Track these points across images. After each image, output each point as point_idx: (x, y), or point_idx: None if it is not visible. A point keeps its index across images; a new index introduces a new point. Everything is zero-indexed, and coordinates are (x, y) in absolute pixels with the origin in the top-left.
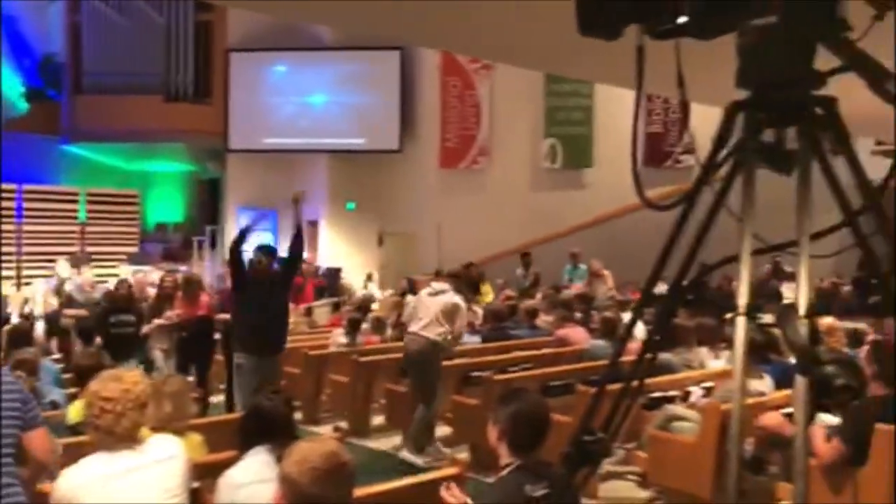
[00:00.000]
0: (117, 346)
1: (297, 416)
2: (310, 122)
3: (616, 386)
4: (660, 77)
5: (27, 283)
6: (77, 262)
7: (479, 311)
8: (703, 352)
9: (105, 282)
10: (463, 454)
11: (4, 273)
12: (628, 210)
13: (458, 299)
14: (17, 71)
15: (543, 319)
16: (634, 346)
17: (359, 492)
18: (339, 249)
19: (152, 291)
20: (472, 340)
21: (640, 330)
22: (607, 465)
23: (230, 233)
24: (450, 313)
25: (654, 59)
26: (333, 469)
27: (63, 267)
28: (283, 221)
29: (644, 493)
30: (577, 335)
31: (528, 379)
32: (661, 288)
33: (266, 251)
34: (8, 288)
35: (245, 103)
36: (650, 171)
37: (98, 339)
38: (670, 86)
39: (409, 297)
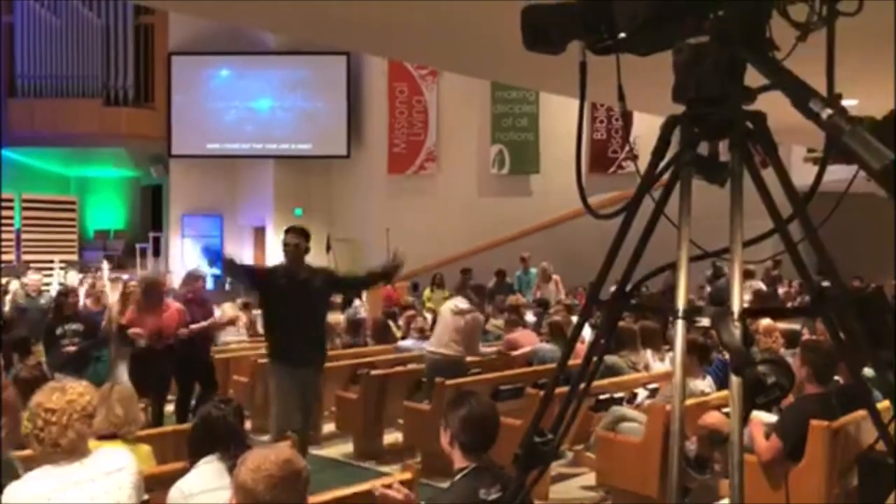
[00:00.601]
0: (66, 360)
1: (247, 425)
2: (255, 127)
3: (564, 389)
4: (603, 87)
5: None
6: (13, 271)
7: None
8: (648, 354)
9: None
10: (414, 460)
11: None
12: (575, 215)
13: (481, 318)
14: None
15: (493, 324)
16: (581, 348)
17: (311, 500)
18: None
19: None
20: (421, 346)
21: (587, 333)
22: (557, 467)
23: (174, 239)
24: (472, 332)
25: (597, 70)
26: (289, 476)
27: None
28: (228, 226)
29: (593, 494)
30: (526, 339)
31: (479, 383)
32: (606, 292)
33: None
34: None
35: (188, 108)
36: (595, 177)
37: (37, 352)
38: (613, 95)
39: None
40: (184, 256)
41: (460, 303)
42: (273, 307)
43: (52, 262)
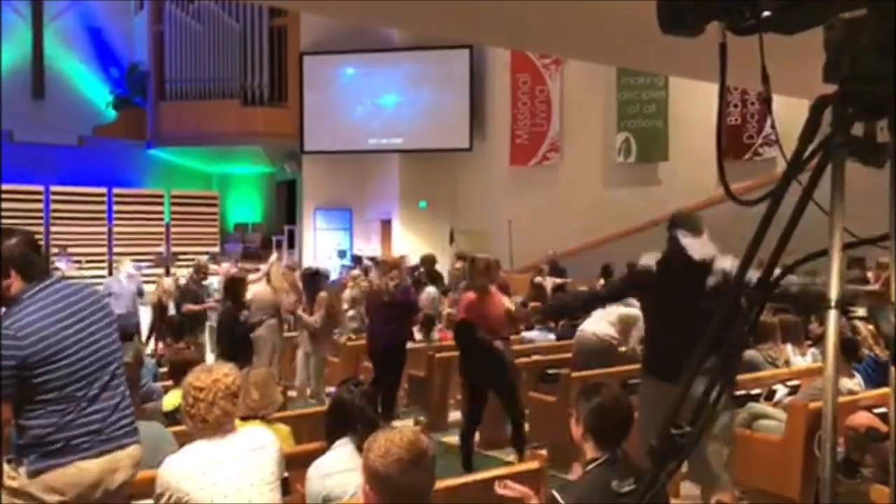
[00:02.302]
0: (241, 346)
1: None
2: (381, 122)
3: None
4: (739, 69)
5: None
6: (163, 262)
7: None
8: (789, 349)
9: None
10: (541, 451)
11: (96, 273)
12: (707, 204)
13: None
14: (105, 80)
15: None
16: None
17: (437, 485)
18: (411, 248)
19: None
20: (547, 338)
21: None
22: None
23: (307, 232)
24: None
25: (732, 51)
26: (417, 457)
27: (128, 265)
28: (357, 219)
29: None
30: None
31: (607, 376)
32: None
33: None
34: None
35: (319, 105)
36: (729, 165)
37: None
38: (749, 77)
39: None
40: (316, 248)
41: None
42: None
43: (196, 253)
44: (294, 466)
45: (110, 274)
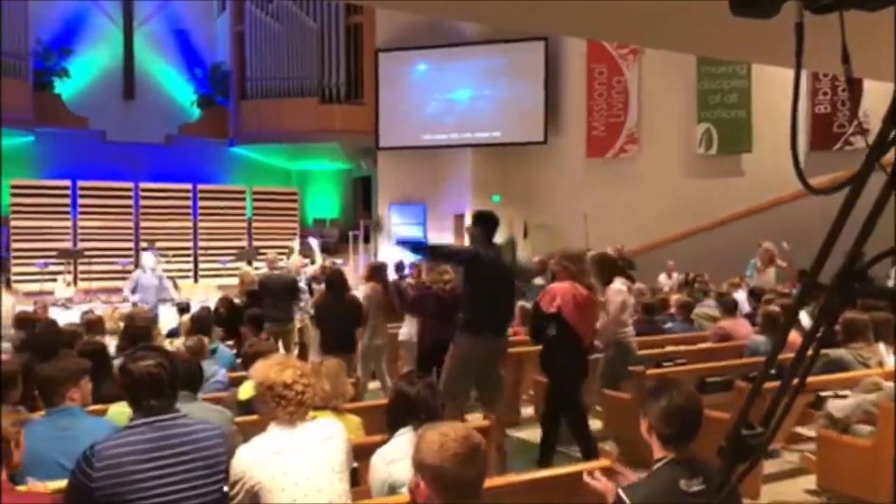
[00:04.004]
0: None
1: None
2: (455, 117)
3: (776, 384)
4: (826, 53)
5: (204, 276)
6: (246, 255)
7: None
8: (881, 348)
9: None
10: (613, 448)
11: (182, 266)
12: (795, 197)
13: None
14: (189, 80)
15: (700, 312)
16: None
17: (508, 479)
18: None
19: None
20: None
21: (807, 324)
22: (771, 466)
23: (382, 227)
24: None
25: (818, 34)
26: (471, 451)
27: (148, 258)
28: (432, 214)
29: (814, 498)
30: (740, 329)
31: (683, 374)
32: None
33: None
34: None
35: (394, 102)
36: (818, 155)
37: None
38: (838, 62)
39: None
40: (391, 242)
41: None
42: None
43: (277, 248)
44: (364, 457)
45: (196, 267)
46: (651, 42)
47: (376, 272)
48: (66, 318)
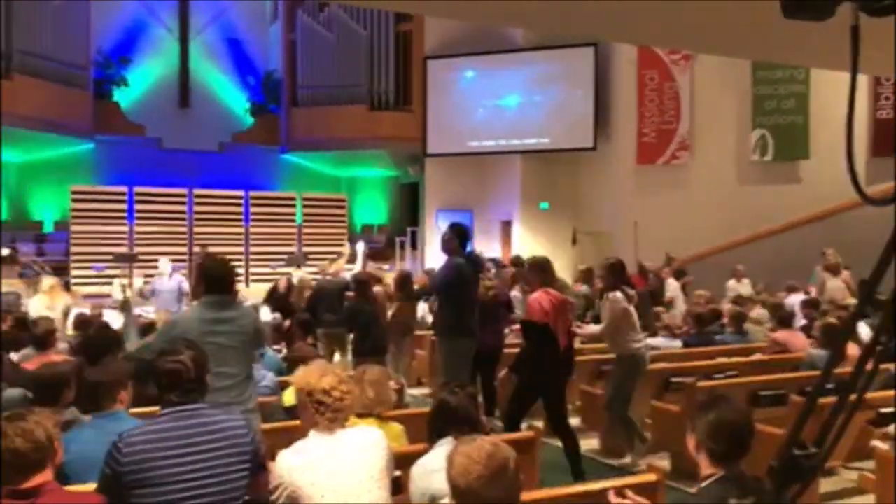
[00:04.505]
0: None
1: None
2: (504, 123)
3: (832, 399)
4: (885, 57)
5: (255, 280)
6: (295, 260)
7: None
8: None
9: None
10: (663, 462)
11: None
12: (856, 204)
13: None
14: (242, 89)
15: (757, 325)
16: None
17: (553, 492)
18: (532, 250)
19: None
20: (671, 345)
21: (867, 337)
22: (827, 485)
23: (429, 234)
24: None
25: (877, 37)
26: (497, 470)
27: (164, 264)
28: (479, 220)
29: None
30: (796, 341)
31: (736, 387)
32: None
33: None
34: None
35: (442, 109)
36: (881, 162)
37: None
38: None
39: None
40: (437, 249)
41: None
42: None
43: (326, 254)
44: (406, 465)
45: (247, 272)
46: (703, 48)
47: (403, 285)
48: (121, 320)
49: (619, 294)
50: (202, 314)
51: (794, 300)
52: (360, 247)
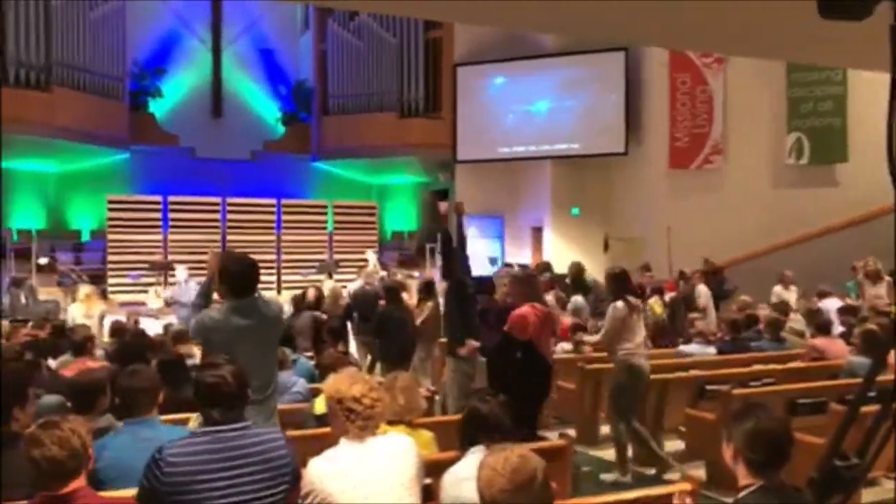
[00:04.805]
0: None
1: (571, 432)
2: (534, 129)
3: (874, 408)
4: None
5: (286, 288)
6: (326, 268)
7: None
8: None
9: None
10: (699, 471)
11: (266, 278)
12: (893, 209)
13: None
14: (274, 98)
15: (791, 328)
16: None
17: (586, 501)
18: (563, 256)
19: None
20: (706, 352)
21: None
22: (869, 496)
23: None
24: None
25: None
26: (521, 483)
27: (181, 271)
28: (509, 227)
29: None
30: (834, 348)
31: (773, 394)
32: None
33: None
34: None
35: (472, 115)
36: None
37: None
38: None
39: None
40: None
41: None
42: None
43: (356, 261)
44: (436, 473)
45: (279, 280)
46: (738, 50)
47: (427, 291)
48: (156, 328)
49: (620, 303)
50: (229, 325)
51: (830, 305)
52: (371, 256)
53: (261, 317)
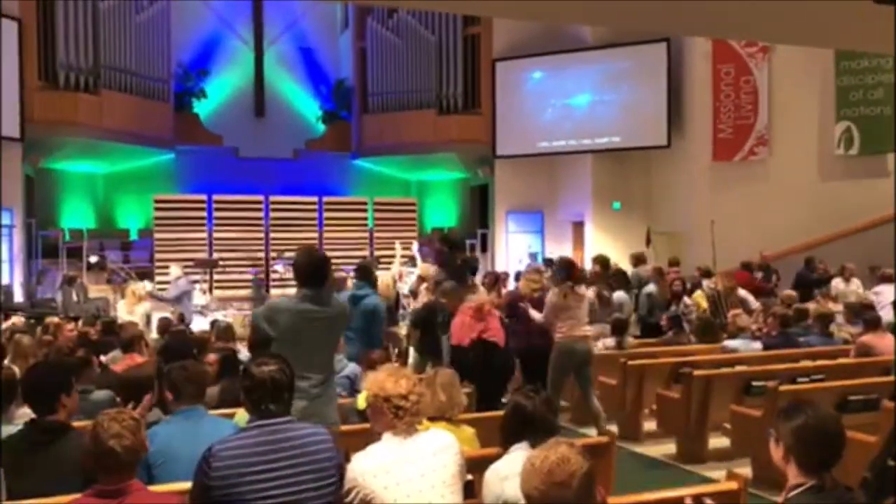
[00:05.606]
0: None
1: (566, 416)
2: (574, 123)
3: None
4: None
5: None
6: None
7: None
8: None
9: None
10: (745, 468)
11: None
12: None
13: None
14: (315, 96)
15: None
16: None
17: (629, 498)
18: (605, 250)
19: None
20: (752, 347)
21: None
22: None
23: (499, 235)
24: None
25: None
26: (558, 484)
27: (175, 269)
28: (549, 222)
29: None
30: (885, 344)
31: (821, 391)
32: None
33: None
34: None
35: (510, 110)
36: None
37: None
38: None
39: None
40: (508, 251)
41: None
42: None
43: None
44: (477, 470)
45: None
46: (787, 38)
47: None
48: (202, 324)
49: (555, 289)
50: (297, 307)
51: (887, 292)
52: (397, 249)
53: (328, 308)
